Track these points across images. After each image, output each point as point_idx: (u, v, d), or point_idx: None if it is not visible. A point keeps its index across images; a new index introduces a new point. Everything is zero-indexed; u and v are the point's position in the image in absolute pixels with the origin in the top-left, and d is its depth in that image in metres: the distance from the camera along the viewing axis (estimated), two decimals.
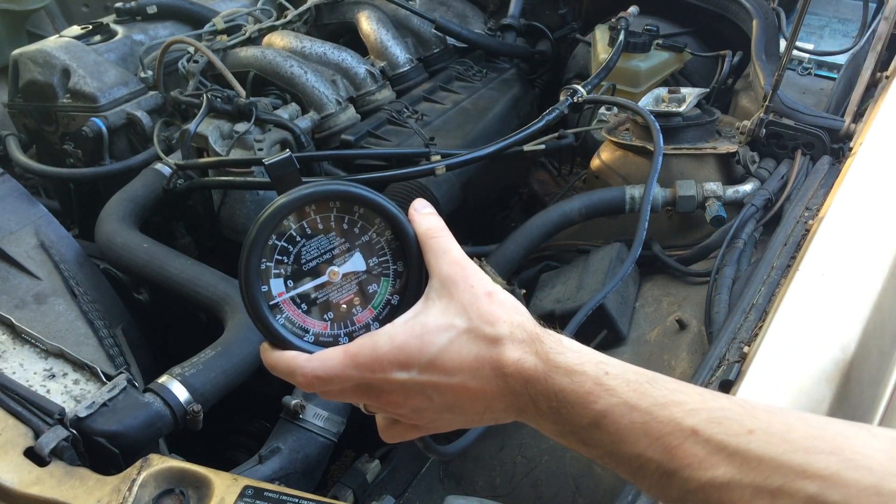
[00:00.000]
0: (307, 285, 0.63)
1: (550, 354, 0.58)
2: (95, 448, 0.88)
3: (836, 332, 0.97)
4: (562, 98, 1.52)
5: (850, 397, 0.95)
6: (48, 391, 0.93)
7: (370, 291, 0.64)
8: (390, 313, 0.64)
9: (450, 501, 0.88)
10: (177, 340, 1.43)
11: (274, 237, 0.62)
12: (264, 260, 0.62)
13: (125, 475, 0.83)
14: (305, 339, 0.62)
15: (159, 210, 1.50)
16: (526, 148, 1.45)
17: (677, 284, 1.36)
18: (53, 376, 0.95)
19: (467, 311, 0.60)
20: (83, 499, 0.80)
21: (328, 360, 0.60)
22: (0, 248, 1.20)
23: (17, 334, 1.01)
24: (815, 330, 0.97)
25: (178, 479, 0.83)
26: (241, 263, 0.62)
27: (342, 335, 0.63)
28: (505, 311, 0.61)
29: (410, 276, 0.65)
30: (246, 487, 0.82)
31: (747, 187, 1.42)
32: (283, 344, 0.62)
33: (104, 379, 0.95)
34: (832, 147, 1.42)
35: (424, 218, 0.65)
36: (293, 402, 1.16)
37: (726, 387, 0.93)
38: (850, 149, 1.37)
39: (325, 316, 0.63)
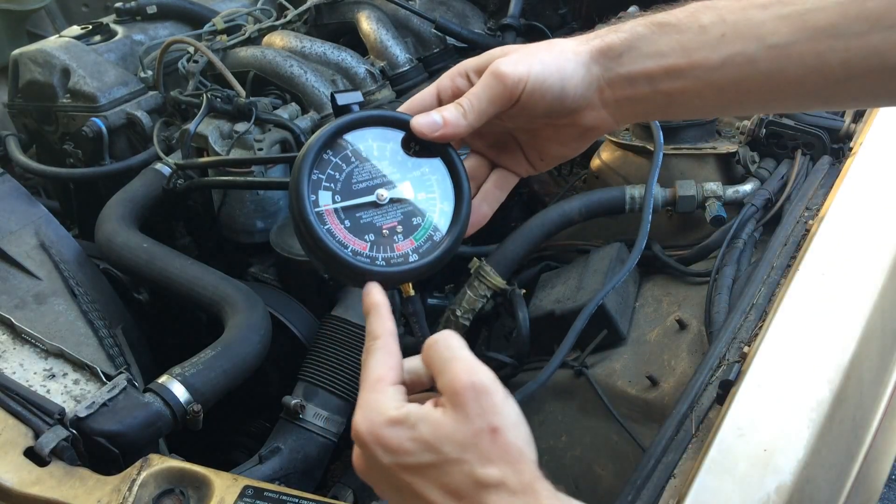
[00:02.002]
0: (353, 201, 0.64)
1: None
2: (95, 448, 0.88)
3: (836, 332, 0.97)
4: None
5: (849, 397, 0.95)
6: (48, 391, 0.93)
7: (414, 223, 0.65)
8: (431, 249, 0.65)
9: None
10: (177, 340, 1.43)
11: (330, 153, 0.64)
12: (317, 171, 0.64)
13: (125, 475, 0.83)
14: (345, 252, 0.63)
15: (159, 210, 1.50)
16: None
17: (677, 284, 1.36)
18: (53, 376, 0.95)
19: (463, 443, 0.53)
20: (83, 499, 0.80)
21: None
22: (0, 248, 1.20)
23: (17, 334, 1.01)
24: (815, 330, 0.97)
25: (178, 479, 0.83)
26: (294, 170, 0.63)
27: (380, 258, 0.64)
28: (506, 453, 0.53)
29: (456, 217, 0.66)
30: (246, 487, 0.82)
31: (747, 187, 1.42)
32: (321, 249, 0.62)
33: (104, 379, 0.95)
34: (832, 147, 1.42)
35: (447, 336, 0.59)
36: (293, 402, 1.16)
37: (726, 387, 0.93)
38: (850, 149, 1.37)
39: (366, 237, 0.64)
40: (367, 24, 1.87)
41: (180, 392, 0.98)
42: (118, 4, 1.90)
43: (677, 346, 1.21)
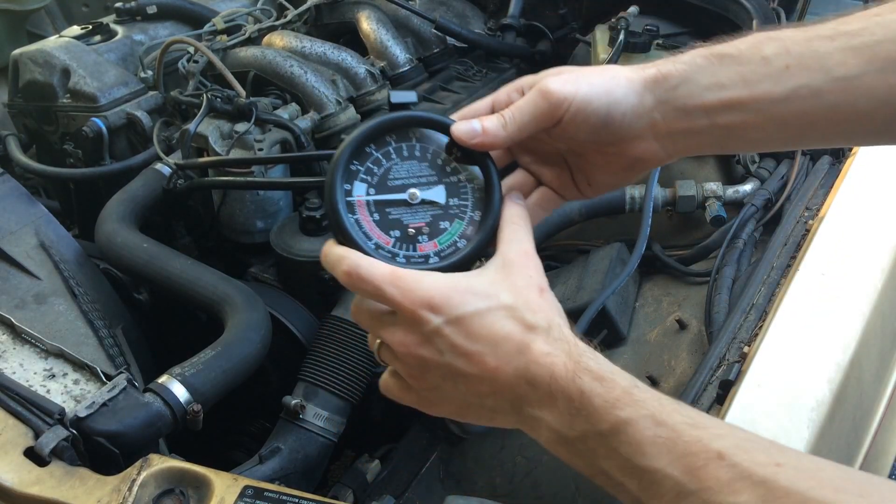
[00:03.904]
0: (385, 196, 0.66)
1: (583, 358, 0.58)
2: (95, 448, 0.88)
3: (836, 332, 0.97)
4: None
5: (850, 397, 0.95)
6: (48, 391, 0.93)
7: (441, 227, 0.66)
8: (453, 254, 0.66)
9: (450, 501, 0.88)
10: (177, 340, 1.43)
11: (373, 146, 0.66)
12: (356, 162, 0.65)
13: (125, 475, 0.83)
14: (367, 244, 0.64)
15: (159, 210, 1.50)
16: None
17: (677, 284, 1.36)
18: (53, 376, 0.95)
19: (516, 292, 0.60)
20: (83, 499, 0.80)
21: (375, 265, 0.61)
22: (0, 248, 1.20)
23: (17, 334, 1.01)
24: (815, 330, 0.97)
25: (178, 479, 0.83)
26: (335, 157, 0.65)
27: (401, 255, 0.65)
28: (550, 308, 0.61)
29: (483, 228, 0.67)
30: (246, 487, 0.82)
31: (747, 187, 1.42)
32: (345, 237, 0.64)
33: (104, 379, 0.95)
34: (832, 147, 1.42)
35: (514, 205, 0.67)
36: (293, 402, 1.16)
37: (726, 387, 0.93)
38: (850, 149, 1.37)
39: (392, 232, 0.65)
40: (367, 24, 1.87)
41: (180, 392, 0.98)
42: (118, 4, 1.90)
43: (677, 346, 1.21)
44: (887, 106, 0.61)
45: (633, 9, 1.83)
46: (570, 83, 0.65)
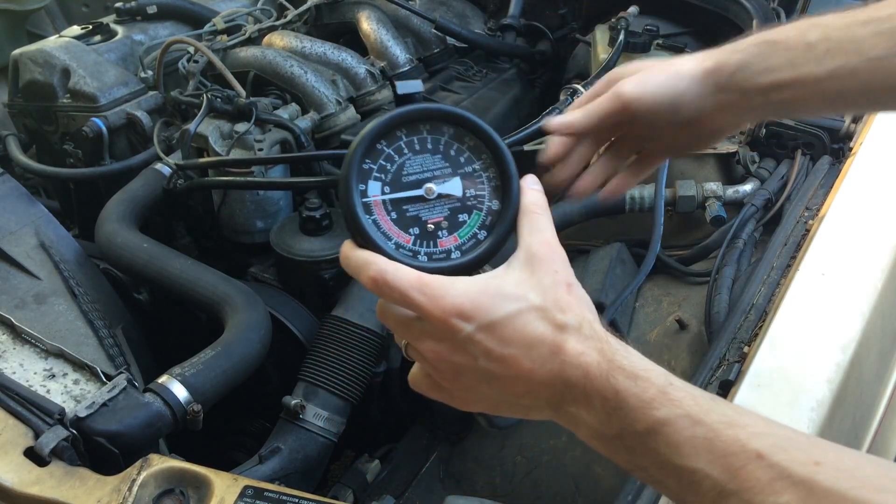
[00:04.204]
0: (401, 194, 0.64)
1: (616, 356, 0.58)
2: (95, 448, 0.88)
3: (836, 332, 0.97)
4: (562, 98, 1.52)
5: (850, 397, 0.95)
6: (48, 391, 0.93)
7: (460, 220, 0.66)
8: (474, 246, 0.65)
9: (450, 501, 0.88)
10: (177, 340, 1.43)
11: (384, 143, 0.64)
12: (368, 161, 0.64)
13: (125, 475, 0.83)
14: (388, 244, 0.63)
15: (159, 210, 1.50)
16: (527, 147, 1.45)
17: (677, 284, 1.36)
18: (53, 376, 0.95)
19: (544, 292, 0.60)
20: (83, 499, 0.80)
21: (401, 271, 0.60)
22: (0, 248, 1.20)
23: (17, 334, 1.01)
24: (815, 330, 0.97)
25: (178, 479, 0.83)
26: (347, 158, 0.64)
27: (422, 253, 0.64)
28: (579, 304, 0.61)
29: (502, 218, 0.66)
30: (246, 487, 0.82)
31: (747, 187, 1.42)
32: (366, 240, 0.63)
33: (104, 379, 0.95)
34: (832, 147, 1.42)
35: (532, 192, 0.67)
36: (293, 402, 1.16)
37: (726, 387, 0.93)
38: (850, 149, 1.37)
39: (411, 230, 0.64)
40: (367, 24, 1.87)
41: (180, 392, 0.98)
42: (118, 4, 1.90)
43: (677, 346, 1.21)
44: None
45: (633, 9, 1.83)
46: (639, 84, 0.80)
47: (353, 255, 0.63)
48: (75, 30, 1.85)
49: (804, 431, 0.84)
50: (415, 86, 0.69)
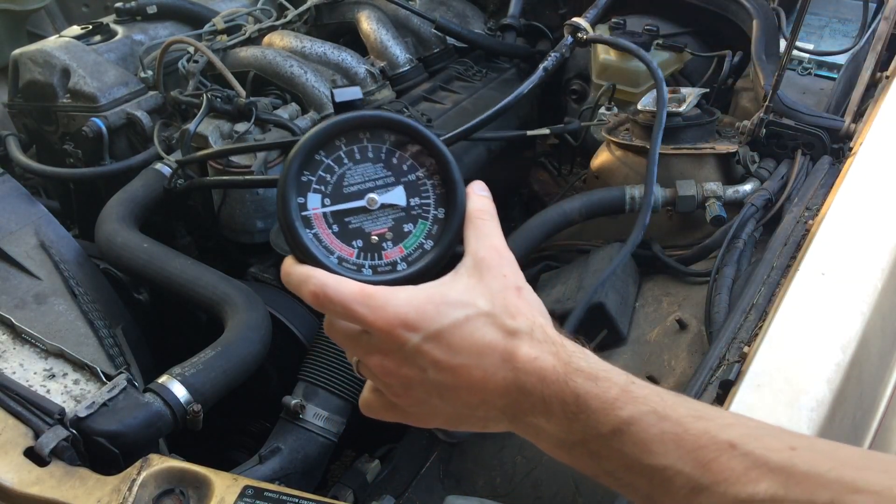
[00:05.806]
0: (342, 206, 0.62)
1: (573, 358, 0.56)
2: (95, 448, 0.88)
3: (836, 332, 0.97)
4: (566, 35, 1.47)
5: (850, 397, 0.95)
6: (48, 391, 0.93)
7: (405, 230, 0.63)
8: (420, 257, 0.63)
9: (450, 501, 0.88)
10: (177, 340, 1.43)
11: (322, 153, 0.62)
12: (307, 173, 0.62)
13: (125, 475, 0.83)
14: (330, 259, 0.61)
15: (159, 210, 1.50)
16: (529, 133, 1.43)
17: (677, 284, 1.36)
18: (53, 376, 0.95)
19: (492, 297, 0.57)
20: (83, 499, 0.80)
21: (343, 284, 0.58)
22: (0, 248, 1.20)
23: (17, 334, 1.00)
24: (815, 330, 0.97)
25: (178, 479, 0.83)
26: (284, 169, 0.61)
27: (366, 266, 0.62)
28: (530, 308, 0.58)
29: (448, 226, 0.63)
30: (246, 487, 0.82)
31: (747, 187, 1.42)
32: (306, 255, 0.60)
33: (104, 379, 0.95)
34: (832, 147, 1.42)
35: (478, 197, 0.64)
36: (293, 402, 1.16)
37: (726, 387, 0.93)
38: (850, 149, 1.37)
39: (354, 243, 0.62)
40: (367, 24, 1.87)
41: (180, 392, 0.98)
42: (118, 4, 1.90)
43: (677, 346, 1.21)
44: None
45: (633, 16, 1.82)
46: None
47: (294, 270, 0.60)
48: (75, 30, 1.85)
49: (804, 431, 0.84)
50: (353, 93, 0.66)
